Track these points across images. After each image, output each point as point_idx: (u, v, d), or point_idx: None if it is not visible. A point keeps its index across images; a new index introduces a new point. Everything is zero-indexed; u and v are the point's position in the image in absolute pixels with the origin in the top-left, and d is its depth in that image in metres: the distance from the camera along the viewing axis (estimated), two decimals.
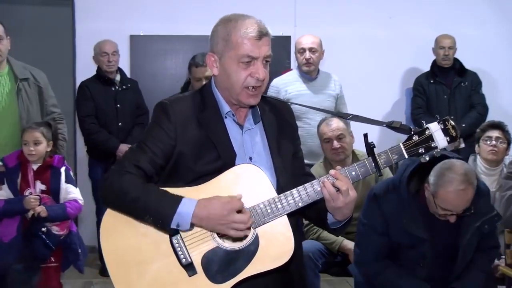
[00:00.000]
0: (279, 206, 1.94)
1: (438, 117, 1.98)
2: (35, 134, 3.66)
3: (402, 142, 1.99)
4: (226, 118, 2.05)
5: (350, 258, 3.50)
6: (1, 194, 3.62)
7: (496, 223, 2.93)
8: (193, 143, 1.98)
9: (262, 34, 1.96)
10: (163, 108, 2.02)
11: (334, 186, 1.93)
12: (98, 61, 5.05)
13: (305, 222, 3.58)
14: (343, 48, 5.70)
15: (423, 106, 5.31)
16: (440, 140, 1.96)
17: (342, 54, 5.64)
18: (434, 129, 1.97)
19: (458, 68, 5.35)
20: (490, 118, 4.96)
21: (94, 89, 4.99)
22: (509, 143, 3.95)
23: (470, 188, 2.63)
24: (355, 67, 5.68)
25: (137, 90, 5.20)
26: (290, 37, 5.63)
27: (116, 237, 1.96)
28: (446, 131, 1.96)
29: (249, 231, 1.92)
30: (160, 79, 5.67)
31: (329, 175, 1.95)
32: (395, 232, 2.81)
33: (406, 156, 1.98)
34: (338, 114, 3.10)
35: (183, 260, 1.91)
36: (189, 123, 2.00)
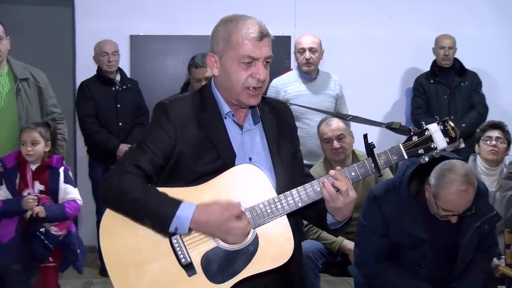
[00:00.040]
0: (279, 206, 1.93)
1: (437, 118, 1.98)
2: (33, 134, 3.65)
3: (402, 143, 1.99)
4: (226, 118, 2.05)
5: (350, 258, 3.50)
6: None
7: (496, 223, 2.93)
8: (193, 143, 1.98)
9: (263, 35, 1.96)
10: (163, 108, 2.01)
11: (334, 187, 1.93)
12: (98, 61, 5.05)
13: (305, 222, 3.58)
14: (343, 48, 5.70)
15: (423, 106, 5.31)
16: (439, 141, 1.96)
17: (342, 54, 5.64)
18: (434, 130, 1.97)
19: (458, 68, 5.35)
20: (490, 118, 4.96)
21: (94, 89, 4.99)
22: (509, 143, 3.95)
23: (471, 188, 2.64)
24: (355, 67, 5.67)
25: (137, 90, 5.21)
26: (290, 37, 5.62)
27: (115, 237, 1.96)
28: (445, 132, 1.96)
29: (246, 237, 1.92)
30: (160, 79, 5.66)
31: (328, 176, 1.95)
32: (396, 233, 2.81)
33: (406, 156, 1.98)
34: (337, 115, 3.10)
35: (183, 260, 1.91)
36: (189, 123, 2.00)
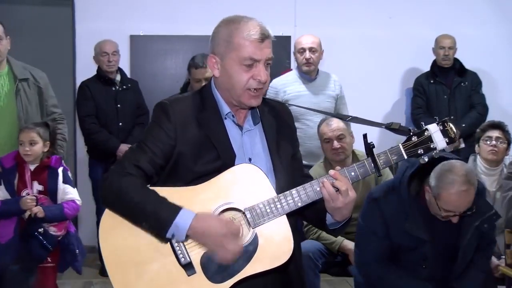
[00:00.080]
0: (279, 206, 1.93)
1: (437, 118, 1.99)
2: (31, 134, 3.63)
3: (401, 143, 1.99)
4: (225, 119, 2.05)
5: (350, 258, 3.50)
6: None
7: (495, 222, 2.93)
8: (193, 143, 1.98)
9: (264, 37, 1.96)
10: (163, 108, 2.01)
11: (334, 186, 1.93)
12: (98, 61, 5.05)
13: (305, 223, 3.58)
14: (343, 48, 5.70)
15: (423, 106, 5.31)
16: (439, 141, 1.96)
17: (342, 54, 5.64)
18: (433, 130, 1.97)
19: (458, 68, 5.35)
20: (490, 118, 4.96)
21: (95, 89, 4.99)
22: (509, 143, 3.94)
23: (472, 188, 2.64)
24: (355, 67, 5.67)
25: (137, 90, 5.20)
26: (290, 37, 5.62)
27: (114, 237, 1.96)
28: (445, 132, 1.96)
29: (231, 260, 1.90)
30: (160, 79, 5.66)
31: (328, 175, 1.95)
32: (396, 234, 2.81)
33: (405, 156, 1.97)
34: (336, 116, 3.10)
35: (182, 259, 1.91)
36: (189, 123, 2.00)
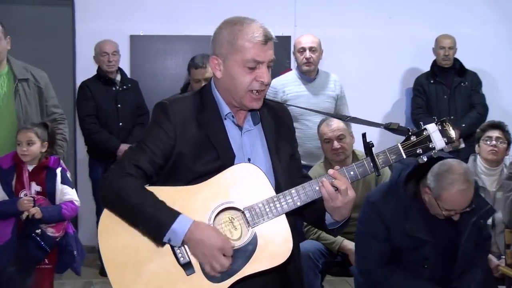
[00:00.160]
0: (278, 205, 1.93)
1: (435, 118, 1.99)
2: (28, 134, 3.62)
3: (400, 143, 1.99)
4: (225, 119, 2.05)
5: (350, 258, 3.50)
6: None
7: (490, 216, 2.97)
8: (192, 144, 1.98)
9: (267, 39, 1.97)
10: (163, 108, 2.01)
11: (333, 186, 1.93)
12: (98, 61, 5.05)
13: (305, 222, 3.58)
14: (343, 48, 5.70)
15: (423, 106, 5.31)
16: (437, 141, 1.96)
17: (342, 54, 5.64)
18: (432, 130, 1.97)
19: (458, 68, 5.34)
20: (490, 118, 4.96)
21: (95, 89, 4.99)
22: (509, 143, 3.94)
23: (471, 185, 2.68)
24: (355, 67, 5.67)
25: (137, 90, 5.21)
26: (290, 37, 5.61)
27: (113, 237, 1.96)
28: (443, 132, 1.97)
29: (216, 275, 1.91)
30: (160, 79, 5.66)
31: (327, 175, 1.95)
32: (397, 236, 2.81)
33: (404, 156, 1.97)
34: (335, 116, 3.11)
35: (182, 259, 1.91)
36: (188, 124, 2.00)
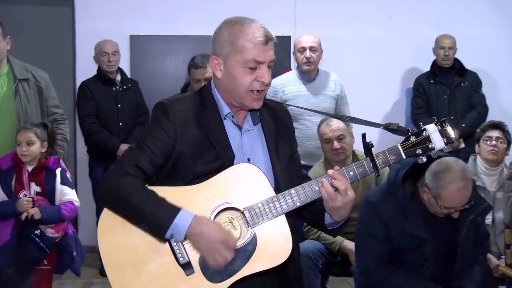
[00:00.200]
0: (277, 205, 1.93)
1: (435, 118, 1.99)
2: (28, 134, 3.61)
3: (400, 143, 1.99)
4: (225, 119, 2.05)
5: (350, 258, 3.50)
6: None
7: (487, 214, 3.01)
8: (192, 143, 1.98)
9: (268, 39, 1.97)
10: (163, 108, 2.01)
11: (333, 186, 1.93)
12: (98, 61, 5.05)
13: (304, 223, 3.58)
14: (343, 48, 5.70)
15: (423, 106, 5.31)
16: (437, 141, 1.97)
17: (342, 54, 5.64)
18: (432, 130, 1.97)
19: (458, 68, 5.34)
20: (490, 118, 4.96)
21: (95, 89, 4.99)
22: (509, 143, 3.95)
23: (469, 182, 2.70)
24: (355, 67, 5.67)
25: (137, 90, 5.21)
26: (290, 37, 5.61)
27: (113, 237, 1.96)
28: (443, 133, 1.97)
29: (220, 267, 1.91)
30: (160, 79, 5.66)
31: (327, 175, 1.95)
32: (397, 236, 2.81)
33: (404, 156, 1.98)
34: (334, 116, 3.11)
35: (181, 259, 1.91)
36: (188, 123, 2.00)
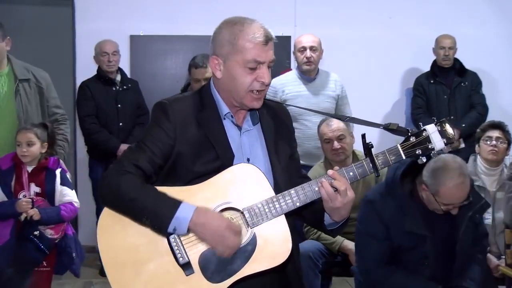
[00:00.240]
0: (277, 206, 1.93)
1: (435, 119, 1.99)
2: (28, 135, 3.60)
3: (400, 143, 1.99)
4: (224, 119, 2.05)
5: (350, 258, 3.50)
6: None
7: (485, 211, 3.03)
8: (192, 143, 1.98)
9: (268, 39, 1.97)
10: (162, 107, 2.01)
11: (332, 186, 1.93)
12: (98, 61, 5.05)
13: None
14: (343, 48, 5.70)
15: (423, 106, 5.31)
16: (437, 141, 1.97)
17: (342, 54, 5.64)
18: (431, 130, 1.97)
19: (458, 68, 5.34)
20: (490, 118, 4.96)
21: (95, 89, 4.99)
22: (509, 143, 3.95)
23: (467, 179, 2.73)
24: (355, 67, 5.67)
25: (137, 90, 5.20)
26: (290, 37, 5.60)
27: (112, 237, 1.96)
28: (443, 133, 1.97)
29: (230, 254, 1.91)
30: (160, 79, 5.66)
31: (327, 175, 1.95)
32: (396, 235, 2.82)
33: (404, 157, 1.98)
34: (334, 116, 3.11)
35: (181, 259, 1.91)
36: (188, 123, 2.00)
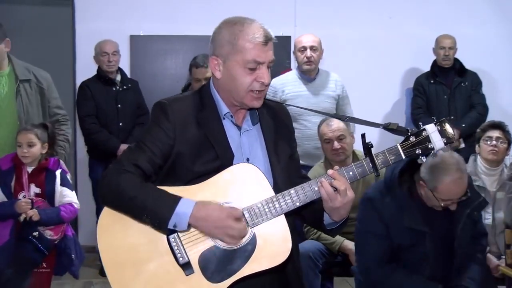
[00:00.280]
0: (277, 205, 1.93)
1: (435, 118, 1.99)
2: (29, 135, 3.59)
3: (400, 143, 1.99)
4: (224, 119, 2.05)
5: (350, 258, 3.50)
6: None
7: (483, 208, 3.06)
8: (192, 143, 1.98)
9: (267, 39, 1.97)
10: (162, 107, 2.01)
11: (332, 186, 1.93)
12: (98, 61, 5.05)
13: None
14: (343, 48, 5.70)
15: (423, 106, 5.31)
16: (436, 141, 1.97)
17: (342, 54, 5.64)
18: (431, 130, 1.97)
19: (458, 68, 5.34)
20: (490, 118, 4.96)
21: (95, 89, 4.99)
22: (509, 143, 3.94)
23: (464, 174, 2.74)
24: (355, 67, 5.66)
25: (137, 90, 5.20)
26: (290, 37, 5.61)
27: (112, 236, 1.96)
28: (442, 133, 1.97)
29: (241, 241, 1.91)
30: (160, 79, 5.66)
31: (326, 175, 1.95)
32: (396, 233, 2.82)
33: (403, 157, 1.98)
34: (334, 116, 3.11)
35: (180, 259, 1.91)
36: (188, 123, 2.00)
